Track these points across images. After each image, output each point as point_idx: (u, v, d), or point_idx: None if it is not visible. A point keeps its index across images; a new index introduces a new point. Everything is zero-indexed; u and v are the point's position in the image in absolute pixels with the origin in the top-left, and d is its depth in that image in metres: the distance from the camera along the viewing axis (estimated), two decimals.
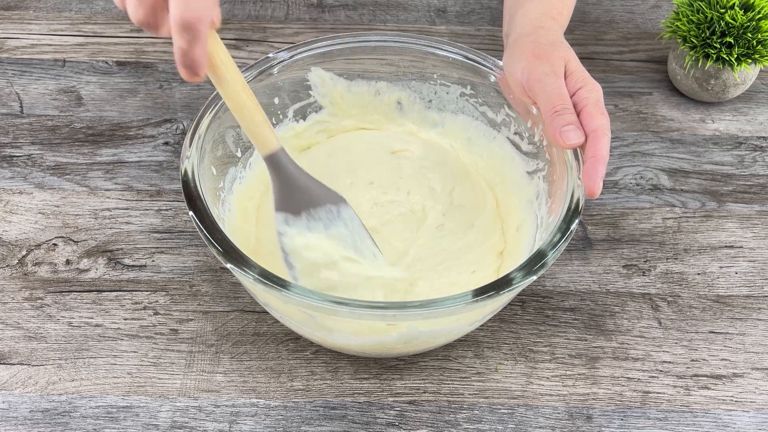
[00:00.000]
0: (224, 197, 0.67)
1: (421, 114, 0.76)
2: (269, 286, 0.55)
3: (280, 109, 0.73)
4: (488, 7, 0.98)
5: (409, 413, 0.64)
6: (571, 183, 0.61)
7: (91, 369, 0.65)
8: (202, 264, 0.72)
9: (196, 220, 0.58)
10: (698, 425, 0.63)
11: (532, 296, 0.71)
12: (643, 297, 0.71)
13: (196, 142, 0.63)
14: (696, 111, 0.87)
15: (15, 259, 0.72)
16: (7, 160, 0.79)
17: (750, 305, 0.71)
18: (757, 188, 0.80)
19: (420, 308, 0.54)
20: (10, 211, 0.75)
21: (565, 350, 0.67)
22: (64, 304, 0.69)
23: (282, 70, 0.70)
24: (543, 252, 0.57)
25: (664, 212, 0.78)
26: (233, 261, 0.56)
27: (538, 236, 0.65)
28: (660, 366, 0.67)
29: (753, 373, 0.67)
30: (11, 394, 0.64)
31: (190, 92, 0.86)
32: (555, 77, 0.61)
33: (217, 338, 0.67)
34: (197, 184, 0.61)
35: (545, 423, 0.63)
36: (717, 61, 0.82)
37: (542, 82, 0.61)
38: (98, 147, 0.81)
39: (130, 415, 0.63)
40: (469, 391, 0.65)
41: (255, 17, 0.96)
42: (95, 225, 0.75)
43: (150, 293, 0.70)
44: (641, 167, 0.81)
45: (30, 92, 0.86)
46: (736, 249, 0.75)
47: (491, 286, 0.55)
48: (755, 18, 0.80)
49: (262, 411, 0.63)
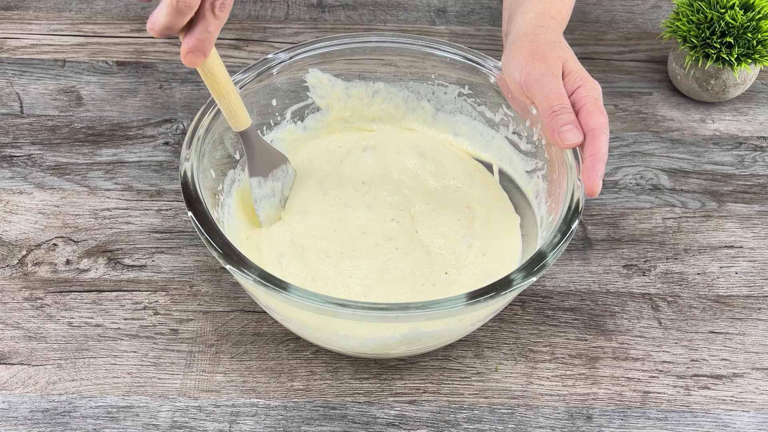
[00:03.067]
0: (223, 200, 0.67)
1: (420, 113, 0.76)
2: (269, 288, 0.55)
3: (278, 111, 0.73)
4: (488, 7, 0.98)
5: (409, 413, 0.64)
6: (570, 183, 0.61)
7: (91, 369, 0.65)
8: (202, 264, 0.72)
9: (196, 222, 0.59)
10: (698, 425, 0.63)
11: (532, 296, 0.71)
12: (643, 297, 0.71)
13: (195, 144, 0.63)
14: (696, 111, 0.87)
15: (15, 259, 0.72)
16: (7, 160, 0.79)
17: (750, 305, 0.71)
18: (757, 188, 0.80)
19: (421, 309, 0.54)
20: (10, 211, 0.75)
21: (565, 350, 0.67)
22: (64, 304, 0.69)
23: (281, 71, 0.70)
24: (543, 253, 0.57)
25: (664, 212, 0.78)
26: (233, 262, 0.56)
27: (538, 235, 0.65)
28: (660, 366, 0.67)
29: (753, 373, 0.67)
30: (11, 394, 0.64)
31: (190, 92, 0.86)
32: (552, 77, 0.61)
33: (217, 338, 0.67)
34: (196, 186, 0.61)
35: (545, 423, 0.63)
36: (717, 61, 0.82)
37: (540, 82, 0.61)
38: (98, 147, 0.81)
39: (130, 415, 0.63)
40: (469, 391, 0.65)
41: (255, 17, 0.96)
42: (95, 225, 0.75)
43: (150, 293, 0.70)
44: (641, 167, 0.81)
45: (30, 92, 0.86)
46: (736, 249, 0.75)
47: (492, 287, 0.55)
48: (755, 18, 0.80)
49: (262, 411, 0.63)
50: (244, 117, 0.64)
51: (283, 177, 0.70)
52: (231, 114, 0.63)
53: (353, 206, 0.68)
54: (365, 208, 0.68)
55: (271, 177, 0.68)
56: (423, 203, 0.69)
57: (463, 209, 0.69)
